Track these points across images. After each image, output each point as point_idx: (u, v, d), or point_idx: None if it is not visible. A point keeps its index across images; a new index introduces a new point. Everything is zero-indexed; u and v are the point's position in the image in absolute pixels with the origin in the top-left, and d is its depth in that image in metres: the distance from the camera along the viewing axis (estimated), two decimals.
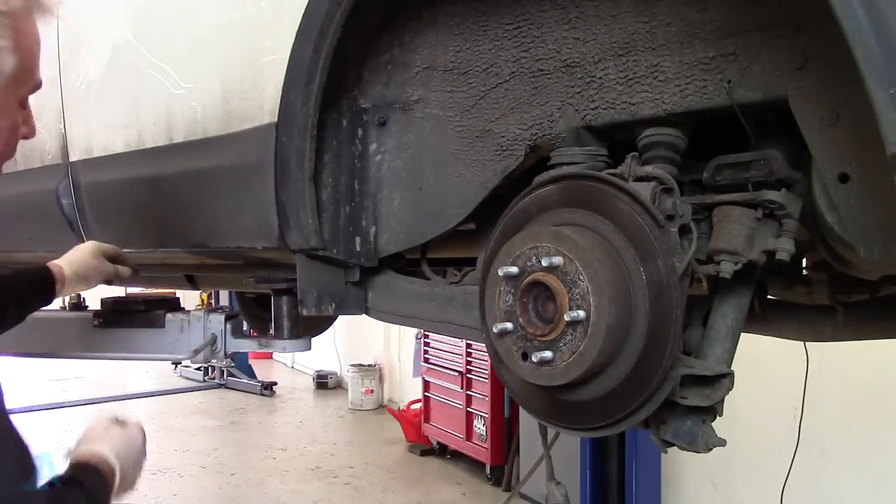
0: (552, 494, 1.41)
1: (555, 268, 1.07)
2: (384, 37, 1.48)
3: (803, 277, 1.58)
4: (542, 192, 1.22)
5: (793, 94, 1.05)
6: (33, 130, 1.27)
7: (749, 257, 1.11)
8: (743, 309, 1.21)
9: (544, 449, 1.43)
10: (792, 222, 1.12)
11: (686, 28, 1.15)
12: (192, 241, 1.80)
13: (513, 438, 6.17)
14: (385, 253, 1.58)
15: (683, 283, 1.10)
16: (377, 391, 9.56)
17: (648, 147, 1.22)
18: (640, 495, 4.85)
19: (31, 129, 1.27)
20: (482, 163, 1.42)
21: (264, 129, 1.49)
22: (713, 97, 1.13)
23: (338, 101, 1.49)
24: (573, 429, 1.20)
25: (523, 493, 5.36)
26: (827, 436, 3.93)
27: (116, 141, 1.92)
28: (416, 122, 1.51)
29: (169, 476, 6.64)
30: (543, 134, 1.33)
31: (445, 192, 1.48)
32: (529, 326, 1.12)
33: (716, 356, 1.17)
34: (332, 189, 1.51)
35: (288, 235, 1.48)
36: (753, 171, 1.12)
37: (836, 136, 1.02)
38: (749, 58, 1.09)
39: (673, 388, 1.10)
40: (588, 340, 1.05)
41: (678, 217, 1.13)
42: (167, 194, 1.81)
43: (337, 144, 1.51)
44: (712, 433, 1.17)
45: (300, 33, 1.40)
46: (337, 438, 8.15)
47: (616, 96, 1.23)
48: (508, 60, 1.36)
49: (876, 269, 1.28)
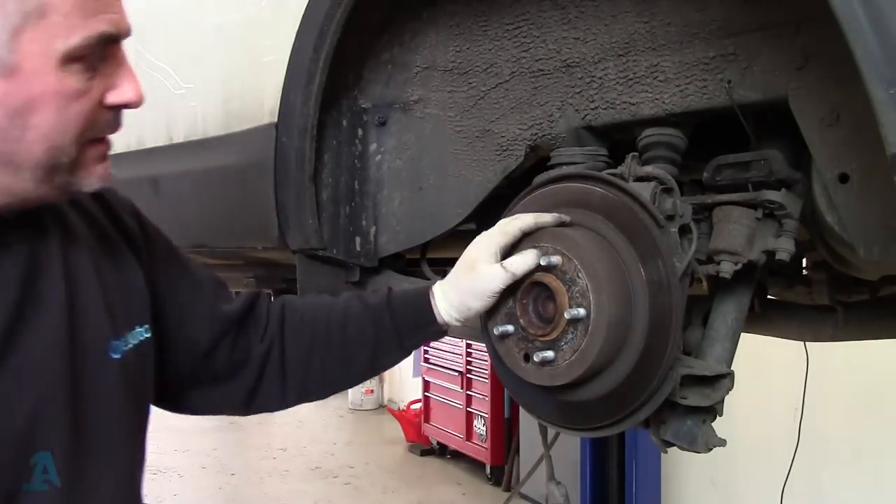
0: (552, 494, 1.41)
1: (553, 267, 1.07)
2: (384, 37, 1.48)
3: (803, 277, 1.58)
4: (541, 192, 1.22)
5: (793, 94, 1.05)
6: (129, 94, 0.90)
7: (749, 257, 1.11)
8: (743, 309, 1.21)
9: (544, 449, 1.43)
10: (792, 222, 1.12)
11: (686, 28, 1.15)
12: (192, 241, 1.80)
13: (513, 438, 6.17)
14: (385, 253, 1.58)
15: (683, 283, 1.10)
16: (377, 391, 9.57)
17: (648, 147, 1.22)
18: (640, 495, 4.85)
19: (121, 91, 0.90)
20: (482, 163, 1.43)
21: (264, 129, 1.49)
22: (713, 97, 1.13)
23: (338, 101, 1.49)
24: (573, 429, 1.20)
25: (523, 493, 5.36)
26: (827, 436, 3.93)
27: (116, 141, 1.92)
28: (416, 122, 1.51)
29: (169, 476, 6.64)
30: (543, 134, 1.33)
31: (445, 192, 1.48)
32: (530, 327, 1.12)
33: (716, 356, 1.17)
34: (332, 189, 1.51)
35: (288, 235, 1.48)
36: (753, 171, 1.12)
37: (836, 136, 1.02)
38: (749, 58, 1.09)
39: (673, 388, 1.10)
40: (589, 338, 1.05)
41: (678, 217, 1.13)
42: (167, 194, 1.81)
43: (337, 144, 1.51)
44: (712, 433, 1.17)
45: (300, 33, 1.40)
46: (337, 438, 8.15)
47: (616, 96, 1.23)
48: (508, 60, 1.36)
49: (876, 269, 1.28)
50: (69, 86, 0.85)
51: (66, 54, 0.83)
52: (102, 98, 0.89)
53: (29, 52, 0.82)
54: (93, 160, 0.92)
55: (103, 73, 0.88)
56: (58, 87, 0.84)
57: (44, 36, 0.82)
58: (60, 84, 0.84)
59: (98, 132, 0.91)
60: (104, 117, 0.90)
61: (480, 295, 1.13)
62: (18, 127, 0.83)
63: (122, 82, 0.90)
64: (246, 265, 2.09)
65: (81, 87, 0.86)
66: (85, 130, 0.88)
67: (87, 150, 0.90)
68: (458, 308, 1.16)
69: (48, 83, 0.83)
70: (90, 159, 0.91)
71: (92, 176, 0.92)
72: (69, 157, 0.88)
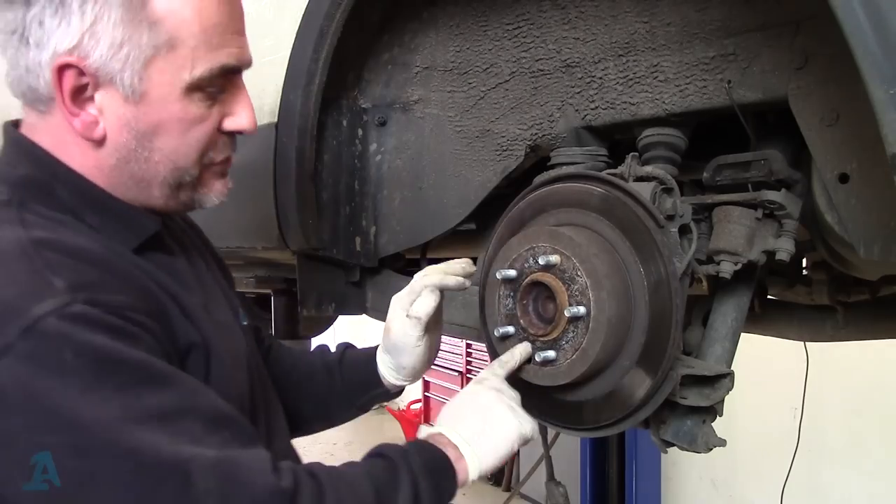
0: (552, 494, 1.41)
1: (552, 266, 1.07)
2: (384, 37, 1.48)
3: (803, 277, 1.58)
4: (541, 192, 1.22)
5: (793, 94, 1.05)
6: (244, 121, 0.98)
7: (749, 257, 1.11)
8: (743, 309, 1.21)
9: (544, 449, 1.43)
10: (792, 222, 1.12)
11: (686, 28, 1.15)
12: None
13: None
14: (385, 253, 1.58)
15: (683, 283, 1.10)
16: None
17: (648, 147, 1.22)
18: (640, 495, 4.85)
19: (237, 118, 0.98)
20: (482, 163, 1.42)
21: (264, 129, 1.49)
22: (713, 97, 1.13)
23: (338, 101, 1.49)
24: (573, 429, 1.20)
25: (523, 493, 5.36)
26: (827, 436, 3.93)
27: None
28: (416, 122, 1.51)
29: None
30: (543, 134, 1.33)
31: (445, 192, 1.48)
32: (531, 328, 1.12)
33: (716, 356, 1.17)
34: (332, 189, 1.51)
35: (288, 235, 1.48)
36: (753, 171, 1.12)
37: (836, 136, 1.02)
38: (749, 58, 1.09)
39: (673, 388, 1.10)
40: (590, 335, 1.05)
41: (678, 217, 1.13)
42: None
43: (337, 144, 1.51)
44: (712, 433, 1.17)
45: (300, 33, 1.40)
46: (337, 438, 8.13)
47: (616, 96, 1.23)
48: (508, 60, 1.36)
49: (876, 269, 1.28)
50: (191, 113, 0.93)
51: (191, 84, 0.91)
52: (220, 124, 0.97)
53: (157, 82, 0.90)
54: (212, 177, 1.00)
55: (222, 100, 0.96)
56: (181, 114, 0.92)
57: (171, 67, 0.90)
58: (184, 111, 0.92)
59: (216, 154, 0.99)
60: (221, 140, 0.99)
61: (403, 349, 1.21)
62: (147, 148, 0.93)
63: (238, 109, 0.98)
64: (246, 265, 2.08)
65: (202, 114, 0.94)
66: (205, 152, 0.97)
67: (207, 169, 0.99)
68: (395, 368, 1.25)
69: (173, 110, 0.92)
70: (210, 177, 1.00)
71: (212, 192, 1.01)
72: (192, 176, 0.97)
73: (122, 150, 0.92)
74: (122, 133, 0.91)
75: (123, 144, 0.92)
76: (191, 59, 0.90)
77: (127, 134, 0.91)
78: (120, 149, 0.92)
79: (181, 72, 0.90)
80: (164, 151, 0.93)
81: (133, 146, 0.92)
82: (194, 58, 0.91)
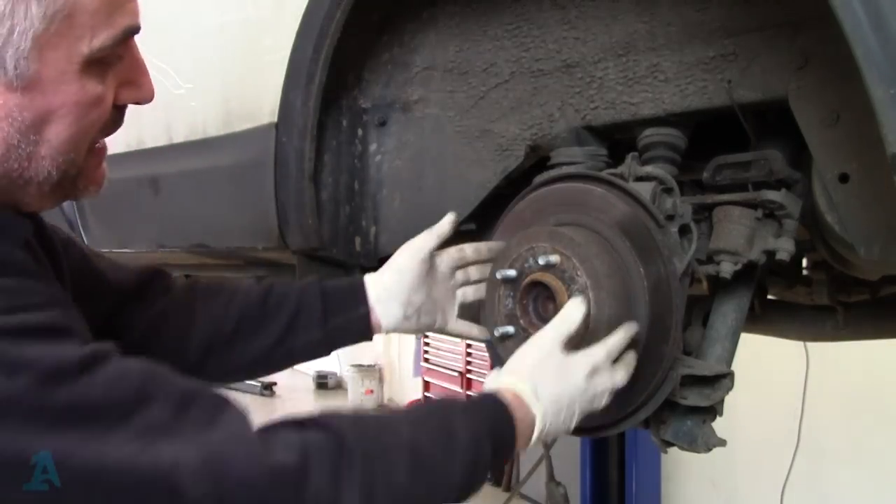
0: (552, 495, 1.41)
1: (552, 266, 1.07)
2: (384, 37, 1.48)
3: (803, 277, 1.58)
4: (541, 192, 1.22)
5: (793, 94, 1.05)
6: (145, 90, 0.85)
7: (749, 257, 1.11)
8: (743, 309, 1.21)
9: (544, 449, 1.43)
10: (792, 222, 1.12)
11: (686, 28, 1.15)
12: (192, 242, 1.80)
13: None
14: (385, 253, 1.58)
15: (683, 283, 1.10)
16: (377, 391, 9.56)
17: (648, 147, 1.22)
18: (640, 495, 4.85)
19: (138, 89, 0.84)
20: (482, 163, 1.42)
21: (264, 129, 1.49)
22: (713, 97, 1.13)
23: (338, 101, 1.49)
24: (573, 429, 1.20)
25: (523, 493, 5.36)
26: (827, 436, 3.93)
27: (116, 140, 1.92)
28: (416, 122, 1.51)
29: None
30: (543, 134, 1.33)
31: (445, 192, 1.48)
32: (531, 328, 1.12)
33: (716, 356, 1.17)
34: (332, 189, 1.51)
35: (288, 235, 1.48)
36: (753, 171, 1.12)
37: (836, 136, 1.02)
38: (749, 58, 1.09)
39: (673, 388, 1.10)
40: (591, 334, 1.05)
41: (678, 217, 1.13)
42: (167, 194, 1.81)
43: (337, 144, 1.51)
44: (712, 433, 1.17)
45: (300, 33, 1.40)
46: None
47: (616, 96, 1.23)
48: (508, 60, 1.36)
49: (876, 269, 1.28)
50: (89, 93, 0.78)
51: (90, 57, 0.76)
52: (116, 98, 0.82)
53: (50, 59, 0.74)
54: (93, 167, 0.86)
55: (116, 71, 0.81)
56: (78, 95, 0.77)
57: (67, 40, 0.74)
58: (81, 92, 0.77)
59: (102, 135, 0.85)
60: (111, 118, 0.84)
61: (409, 252, 1.21)
62: (31, 143, 0.77)
63: (138, 77, 0.84)
64: (246, 265, 2.08)
65: (99, 93, 0.79)
66: (97, 137, 0.83)
67: (92, 156, 0.84)
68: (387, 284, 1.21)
69: (68, 93, 0.76)
70: (94, 165, 0.86)
71: (92, 184, 0.87)
72: (77, 167, 0.82)
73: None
74: (2, 127, 0.75)
75: (1, 140, 0.75)
76: (90, 27, 0.75)
77: (8, 127, 0.75)
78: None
79: (78, 44, 0.74)
80: (52, 143, 0.77)
81: (15, 141, 0.75)
82: (94, 25, 0.75)
